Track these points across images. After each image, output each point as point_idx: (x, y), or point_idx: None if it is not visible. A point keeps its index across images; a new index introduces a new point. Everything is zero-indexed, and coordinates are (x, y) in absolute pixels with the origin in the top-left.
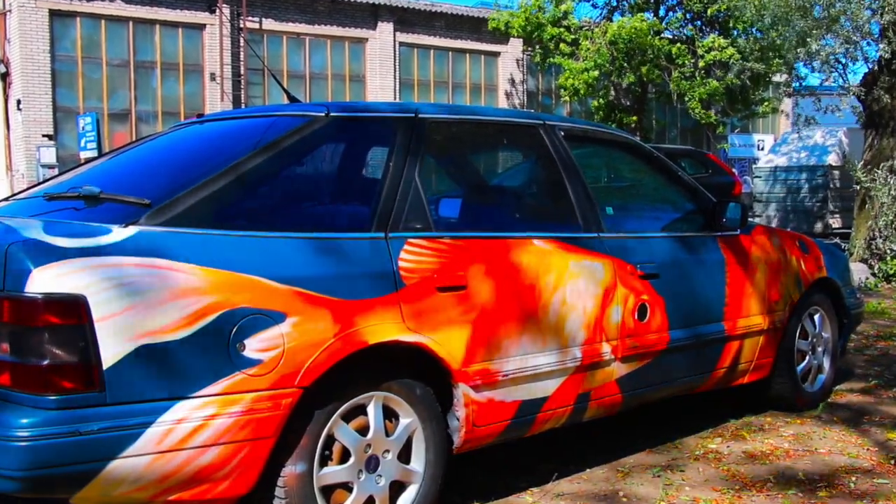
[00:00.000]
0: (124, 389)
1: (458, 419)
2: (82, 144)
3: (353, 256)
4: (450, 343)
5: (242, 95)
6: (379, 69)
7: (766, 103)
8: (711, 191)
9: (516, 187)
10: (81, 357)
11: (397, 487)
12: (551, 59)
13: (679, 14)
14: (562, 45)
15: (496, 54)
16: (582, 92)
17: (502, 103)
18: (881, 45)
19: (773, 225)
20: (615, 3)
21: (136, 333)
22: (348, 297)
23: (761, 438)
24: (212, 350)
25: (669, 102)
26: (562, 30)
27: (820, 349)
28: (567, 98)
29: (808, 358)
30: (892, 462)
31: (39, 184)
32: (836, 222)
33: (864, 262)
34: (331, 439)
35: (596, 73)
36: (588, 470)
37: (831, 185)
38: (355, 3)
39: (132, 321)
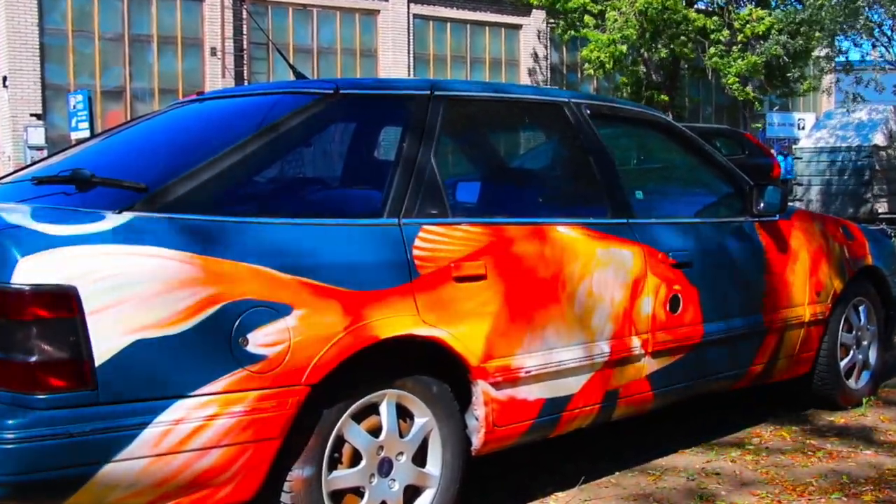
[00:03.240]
0: (118, 388)
1: (477, 419)
2: (73, 124)
3: (364, 244)
4: (468, 337)
5: (245, 72)
6: (392, 43)
7: (806, 82)
8: (748, 173)
9: (539, 170)
10: (72, 353)
11: (412, 492)
12: (575, 32)
13: None
14: (586, 18)
15: (517, 27)
16: (608, 66)
17: (524, 79)
18: None
19: (815, 209)
20: None
21: (131, 327)
22: (359, 288)
23: (802, 439)
24: (212, 345)
25: (704, 78)
26: (587, 0)
27: (865, 343)
28: (591, 71)
29: (852, 352)
30: None
31: (27, 166)
32: (882, 206)
33: None
34: (340, 441)
35: (624, 47)
36: (617, 473)
37: (877, 167)
38: None
39: (127, 314)
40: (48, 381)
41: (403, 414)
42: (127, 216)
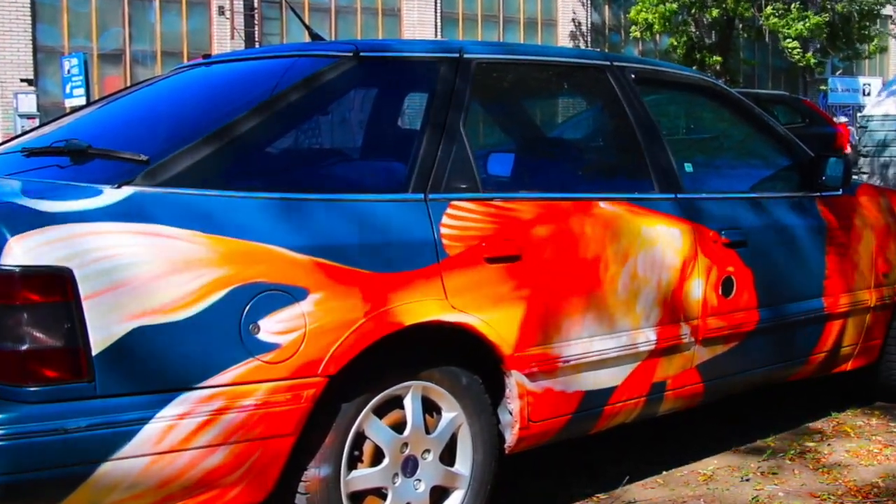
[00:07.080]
0: (117, 379)
1: (510, 413)
2: (68, 90)
3: (387, 222)
4: (501, 323)
5: (256, 33)
6: (417, 1)
7: (874, 41)
8: (809, 143)
9: (579, 140)
10: (67, 341)
11: (439, 494)
12: None
13: None
14: None
15: None
16: (657, 27)
17: (562, 41)
18: None
19: (882, 184)
20: None
21: (131, 313)
22: (381, 270)
23: (868, 436)
24: (220, 332)
25: (760, 39)
26: None
27: None
28: (638, 35)
29: None
30: None
31: (17, 137)
32: None
33: None
34: (361, 437)
35: (675, 5)
36: (665, 472)
37: None
38: None
39: (126, 299)
40: (40, 371)
41: (430, 408)
42: (127, 191)
